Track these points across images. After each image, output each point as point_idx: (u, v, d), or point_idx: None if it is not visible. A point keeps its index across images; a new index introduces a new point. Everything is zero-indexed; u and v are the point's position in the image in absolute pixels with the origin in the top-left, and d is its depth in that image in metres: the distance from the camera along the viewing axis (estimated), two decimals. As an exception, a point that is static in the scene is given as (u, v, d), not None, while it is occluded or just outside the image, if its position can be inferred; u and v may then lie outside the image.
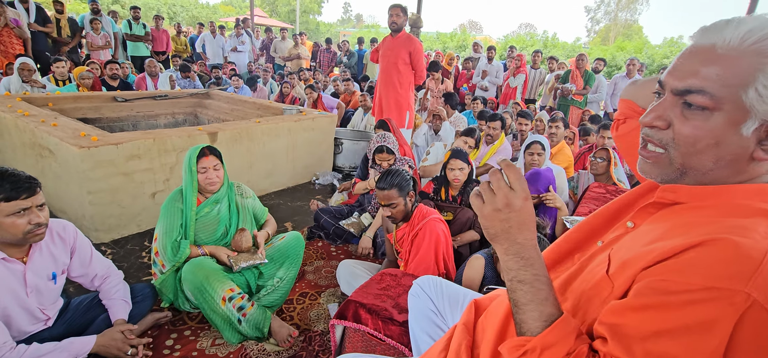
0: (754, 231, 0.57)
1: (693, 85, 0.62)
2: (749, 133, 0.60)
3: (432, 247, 1.95)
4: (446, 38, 27.05)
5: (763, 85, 0.58)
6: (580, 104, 6.08)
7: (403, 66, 4.01)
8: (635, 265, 0.62)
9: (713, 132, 0.62)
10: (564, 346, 0.62)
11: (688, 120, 0.63)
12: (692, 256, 0.56)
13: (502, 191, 0.68)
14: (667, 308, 0.55)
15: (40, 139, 2.72)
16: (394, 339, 1.43)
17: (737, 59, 0.59)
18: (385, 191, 1.95)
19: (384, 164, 2.84)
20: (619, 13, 36.14)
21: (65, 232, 1.62)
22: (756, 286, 0.51)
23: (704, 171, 0.65)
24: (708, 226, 0.60)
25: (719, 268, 0.54)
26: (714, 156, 0.63)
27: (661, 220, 0.69)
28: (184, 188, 1.98)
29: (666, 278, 0.57)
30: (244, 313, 1.77)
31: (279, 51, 9.13)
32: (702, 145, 0.63)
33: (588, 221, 0.86)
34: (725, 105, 0.60)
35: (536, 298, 0.66)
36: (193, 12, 29.70)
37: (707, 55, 0.62)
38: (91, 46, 6.59)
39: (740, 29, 0.60)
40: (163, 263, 1.90)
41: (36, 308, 1.52)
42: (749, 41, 0.59)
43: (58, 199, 2.79)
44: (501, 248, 0.70)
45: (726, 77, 0.59)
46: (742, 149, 0.62)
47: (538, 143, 2.97)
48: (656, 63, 21.34)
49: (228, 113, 4.51)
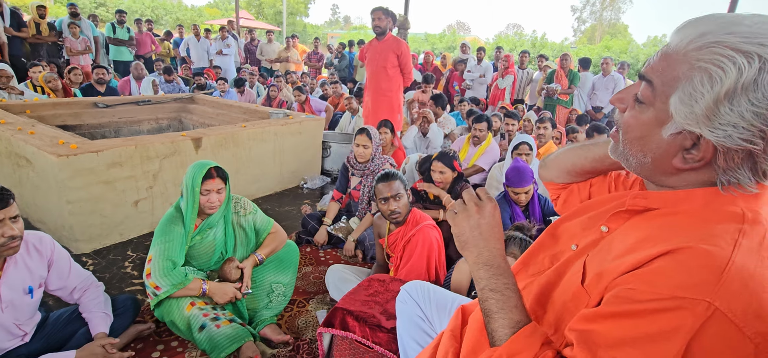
0: (721, 238, 0.56)
1: (646, 74, 0.64)
2: (667, 135, 0.61)
3: (424, 254, 1.95)
4: (435, 39, 27.20)
5: (685, 92, 0.58)
6: (567, 103, 6.15)
7: (391, 69, 3.99)
8: (609, 275, 0.63)
9: (643, 125, 0.64)
10: (529, 352, 0.63)
11: (633, 109, 0.66)
12: (660, 265, 0.57)
13: (472, 200, 0.77)
14: (633, 316, 0.56)
15: (17, 148, 2.64)
16: (382, 346, 1.42)
17: (676, 61, 0.59)
18: (391, 181, 1.97)
19: (361, 149, 2.82)
20: (603, 12, 36.73)
21: (42, 244, 1.57)
22: (719, 295, 0.51)
23: (638, 162, 0.67)
24: (680, 234, 0.60)
25: (685, 276, 0.54)
26: (641, 148, 0.65)
27: (634, 227, 0.69)
28: (184, 210, 1.84)
29: (634, 286, 0.57)
30: (217, 325, 1.71)
31: (266, 54, 9.05)
32: (632, 135, 0.66)
33: (561, 226, 0.86)
34: (657, 102, 0.62)
35: (506, 306, 0.68)
36: (178, 14, 29.34)
37: (663, 51, 0.63)
38: (70, 51, 6.43)
39: (693, 31, 0.59)
40: (155, 285, 1.76)
41: (11, 323, 1.47)
42: (691, 47, 0.58)
43: (36, 209, 2.71)
44: (472, 256, 0.74)
45: (664, 76, 0.61)
46: (663, 152, 0.63)
47: (526, 144, 3.01)
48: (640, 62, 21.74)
49: (213, 118, 4.45)
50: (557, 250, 0.82)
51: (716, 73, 0.54)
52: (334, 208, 2.90)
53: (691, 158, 0.61)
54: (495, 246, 0.73)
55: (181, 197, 1.88)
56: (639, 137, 0.65)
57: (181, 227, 1.84)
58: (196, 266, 1.94)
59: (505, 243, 1.61)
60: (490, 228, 0.74)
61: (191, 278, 1.79)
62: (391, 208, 1.98)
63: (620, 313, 0.57)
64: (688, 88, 0.57)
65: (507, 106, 5.88)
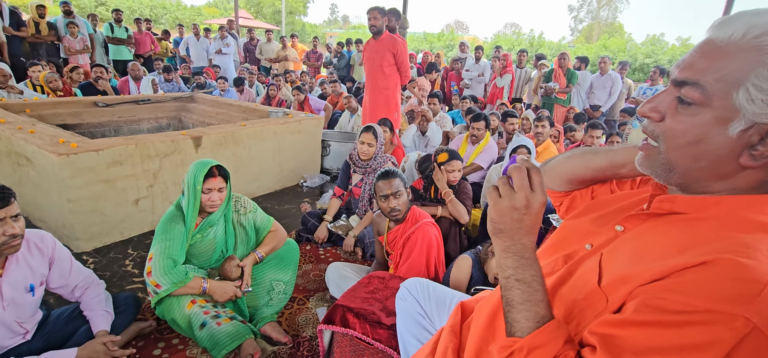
0: (757, 250, 0.54)
1: (688, 77, 0.61)
2: (735, 133, 0.58)
3: (424, 251, 1.96)
4: (433, 38, 27.21)
5: (755, 84, 0.55)
6: (564, 102, 6.16)
7: (388, 68, 4.00)
8: (633, 281, 0.60)
9: (698, 128, 0.60)
10: (552, 349, 0.62)
11: (678, 114, 0.62)
12: (694, 276, 0.55)
13: (524, 190, 0.67)
14: (664, 327, 0.53)
15: (17, 147, 2.65)
16: (382, 343, 1.43)
17: (734, 55, 0.57)
18: (391, 179, 1.98)
19: (365, 147, 2.82)
20: (600, 11, 36.76)
21: (43, 242, 1.57)
22: (757, 310, 0.49)
23: (686, 169, 0.63)
24: (711, 243, 0.58)
25: (721, 290, 0.52)
26: (695, 153, 0.61)
27: (654, 229, 0.67)
28: (185, 209, 1.85)
29: (665, 296, 0.55)
30: (218, 323, 1.72)
31: (265, 53, 9.05)
32: (683, 141, 0.62)
33: (574, 226, 0.85)
34: (715, 101, 0.58)
35: (532, 298, 0.65)
36: (177, 14, 29.28)
37: (708, 49, 0.60)
38: (68, 50, 6.42)
39: (745, 24, 0.57)
40: (156, 283, 1.76)
41: (13, 321, 1.47)
42: (749, 36, 0.56)
43: (37, 208, 2.72)
44: (502, 244, 0.69)
45: (720, 72, 0.58)
46: (726, 151, 0.59)
47: (524, 147, 3.02)
48: (639, 61, 21.75)
49: (213, 117, 4.45)
50: (570, 250, 0.80)
51: None
52: (335, 204, 2.92)
53: (760, 155, 0.58)
54: (530, 239, 0.68)
55: (182, 196, 1.89)
56: (694, 141, 0.61)
57: (182, 226, 1.85)
58: (197, 265, 1.95)
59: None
60: (532, 224, 0.68)
61: (192, 276, 1.79)
62: (391, 205, 1.99)
63: (650, 322, 0.55)
64: (763, 77, 0.54)
65: (506, 104, 5.89)
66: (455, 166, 2.58)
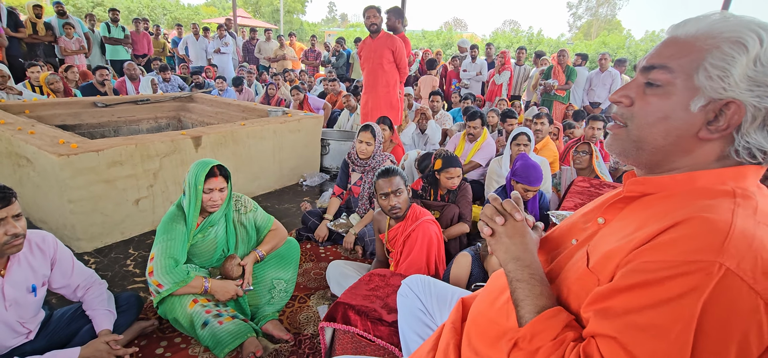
0: (718, 208, 0.62)
1: (656, 62, 0.69)
2: (696, 109, 0.66)
3: (424, 248, 1.97)
4: (432, 36, 27.18)
5: (711, 63, 0.64)
6: (563, 99, 6.17)
7: (388, 66, 4.00)
8: (618, 255, 0.66)
9: (665, 106, 0.68)
10: (551, 332, 0.68)
11: (646, 96, 0.70)
12: (669, 237, 0.61)
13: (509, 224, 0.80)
14: (649, 285, 0.59)
15: (17, 148, 2.65)
16: (383, 340, 1.43)
17: (693, 44, 0.66)
18: (391, 177, 2.00)
19: (364, 146, 2.82)
20: (599, 8, 36.73)
21: (45, 243, 1.58)
22: (728, 255, 0.56)
23: (656, 146, 0.71)
24: (681, 209, 0.65)
25: (693, 243, 0.59)
26: (663, 130, 0.69)
27: (633, 212, 0.74)
28: (186, 208, 1.85)
29: (646, 258, 0.61)
30: (220, 321, 1.73)
31: (264, 52, 9.03)
32: (653, 119, 0.69)
33: (566, 223, 0.89)
34: (678, 80, 0.67)
35: (532, 293, 0.73)
36: (175, 13, 29.18)
37: (671, 41, 0.70)
38: (64, 51, 6.39)
39: (701, 22, 0.67)
40: (158, 282, 1.76)
41: (15, 321, 1.48)
42: (704, 29, 0.66)
43: (38, 209, 2.72)
44: (500, 251, 0.80)
45: (683, 58, 0.67)
46: (689, 126, 0.67)
47: (524, 134, 3.07)
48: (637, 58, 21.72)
49: (212, 116, 4.45)
50: (557, 251, 0.85)
51: (748, 38, 0.62)
52: (334, 203, 2.92)
53: (716, 129, 0.66)
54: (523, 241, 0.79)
55: (183, 195, 1.90)
56: (662, 118, 0.69)
57: (183, 225, 1.85)
58: (198, 264, 1.95)
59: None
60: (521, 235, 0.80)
61: (193, 275, 1.80)
62: (391, 203, 2.00)
63: (636, 284, 0.61)
64: (717, 57, 0.63)
65: (505, 101, 5.89)
66: (454, 172, 2.57)
